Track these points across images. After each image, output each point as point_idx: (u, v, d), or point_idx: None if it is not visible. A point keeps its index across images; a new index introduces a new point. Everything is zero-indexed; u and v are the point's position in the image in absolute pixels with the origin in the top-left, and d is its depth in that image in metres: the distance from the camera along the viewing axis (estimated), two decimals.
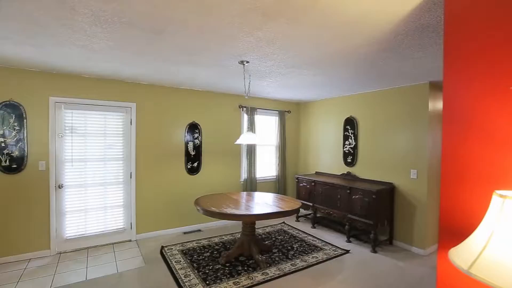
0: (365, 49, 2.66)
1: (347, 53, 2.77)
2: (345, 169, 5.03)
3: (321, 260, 3.68)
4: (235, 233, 4.67)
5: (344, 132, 5.05)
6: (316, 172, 5.69)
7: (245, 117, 5.34)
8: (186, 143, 4.70)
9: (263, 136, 5.73)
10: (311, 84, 4.18)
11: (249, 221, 3.62)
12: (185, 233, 4.63)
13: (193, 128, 4.76)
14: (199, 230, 4.76)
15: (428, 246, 3.92)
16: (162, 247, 4.00)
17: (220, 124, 5.08)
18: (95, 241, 4.04)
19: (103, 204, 4.10)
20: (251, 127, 5.27)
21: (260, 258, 3.50)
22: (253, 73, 3.58)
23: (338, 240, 4.42)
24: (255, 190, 5.35)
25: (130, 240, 4.27)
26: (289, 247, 4.08)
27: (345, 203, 4.37)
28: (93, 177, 4.03)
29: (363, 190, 4.08)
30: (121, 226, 4.23)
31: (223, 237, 4.48)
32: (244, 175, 5.37)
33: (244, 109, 5.31)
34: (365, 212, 4.06)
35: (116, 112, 4.16)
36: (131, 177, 4.26)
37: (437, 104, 3.99)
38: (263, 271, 3.36)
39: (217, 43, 2.53)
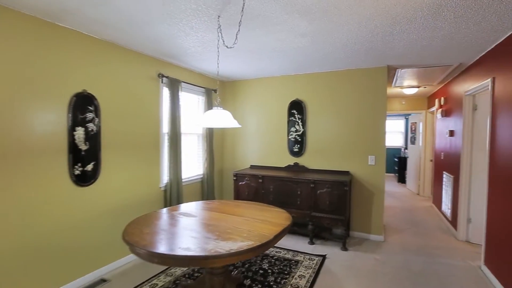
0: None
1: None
2: (291, 160, 4.37)
3: (311, 278, 2.84)
4: (166, 269, 3.02)
5: (289, 118, 4.36)
6: (251, 166, 4.73)
7: (166, 92, 3.62)
8: (71, 130, 2.55)
9: (188, 121, 4.15)
10: (278, 50, 3.17)
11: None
12: None
13: (84, 103, 2.65)
14: (103, 280, 2.75)
15: (383, 232, 3.90)
16: None
17: (131, 99, 3.16)
18: None
19: None
20: (175, 107, 3.63)
21: None
22: (230, 16, 2.18)
23: (299, 243, 3.71)
24: (181, 197, 3.77)
25: None
26: (260, 271, 2.98)
27: (308, 199, 3.70)
28: None
29: (332, 182, 3.54)
30: None
31: (155, 282, 2.75)
32: (166, 177, 3.66)
33: (165, 80, 3.58)
34: (334, 207, 3.54)
35: None
36: None
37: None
38: None
39: None
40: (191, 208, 2.76)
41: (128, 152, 3.14)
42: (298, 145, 4.31)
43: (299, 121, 4.28)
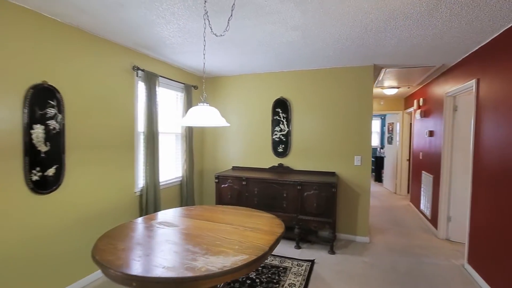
0: None
1: None
2: (276, 161, 4.21)
3: (301, 286, 2.68)
4: None
5: (273, 116, 4.18)
6: (233, 167, 4.49)
7: (142, 87, 3.28)
8: (27, 128, 2.17)
9: (165, 120, 3.83)
10: (266, 45, 2.98)
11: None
12: None
13: (44, 96, 2.27)
14: None
15: (368, 233, 3.85)
16: None
17: (102, 93, 2.79)
18: None
19: None
20: (151, 103, 3.31)
21: None
22: (219, 1, 1.95)
23: (285, 248, 3.55)
24: (159, 202, 3.45)
25: None
26: (247, 281, 2.77)
27: (294, 202, 3.55)
28: None
29: (320, 184, 3.42)
30: None
31: None
32: (141, 180, 3.32)
33: (141, 73, 3.23)
34: (322, 209, 3.43)
35: None
36: None
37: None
38: None
39: None
40: (170, 216, 2.48)
41: (98, 154, 2.78)
42: (283, 145, 4.15)
43: (284, 120, 4.12)
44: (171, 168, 4.02)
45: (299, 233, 3.57)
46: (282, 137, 4.15)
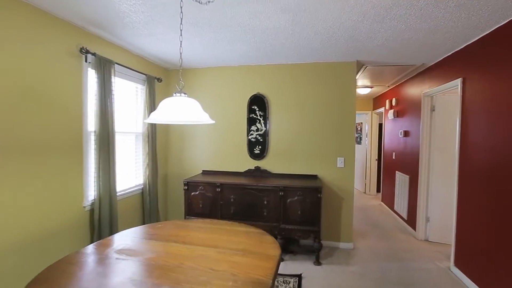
0: None
1: None
2: (252, 164, 3.80)
3: None
4: None
5: (249, 114, 3.77)
6: (203, 171, 3.98)
7: (93, 76, 2.63)
8: None
9: (123, 116, 3.19)
10: (248, 29, 2.57)
11: None
12: None
13: None
14: None
15: (352, 239, 3.65)
16: None
17: (36, 82, 2.12)
18: None
19: None
20: (106, 96, 2.68)
21: None
22: None
23: None
24: (116, 218, 2.82)
25: None
26: None
27: (276, 210, 3.19)
28: None
29: (305, 189, 3.11)
30: None
31: None
32: (92, 191, 2.67)
33: (92, 58, 2.58)
34: (307, 217, 3.12)
35: None
36: None
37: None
38: None
39: None
40: (133, 239, 1.93)
41: (31, 160, 2.10)
42: (260, 147, 3.77)
43: (261, 119, 3.74)
44: (131, 174, 3.39)
45: (282, 243, 3.22)
46: (259, 137, 3.76)
